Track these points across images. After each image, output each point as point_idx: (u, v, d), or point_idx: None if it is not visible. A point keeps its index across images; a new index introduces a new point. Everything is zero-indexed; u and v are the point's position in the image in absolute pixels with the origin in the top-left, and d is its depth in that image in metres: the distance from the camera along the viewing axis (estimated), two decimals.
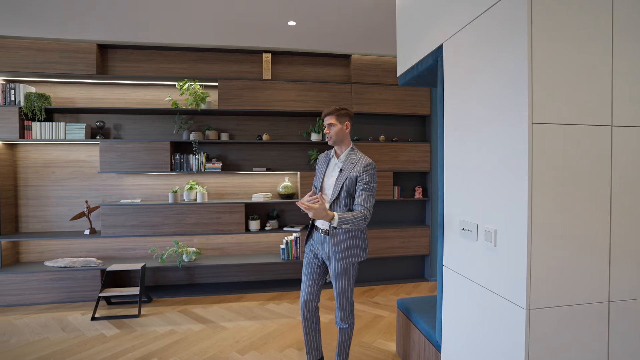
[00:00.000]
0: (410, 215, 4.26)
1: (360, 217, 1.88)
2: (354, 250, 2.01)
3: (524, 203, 1.18)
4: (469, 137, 1.55)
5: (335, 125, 2.02)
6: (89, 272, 3.49)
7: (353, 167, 1.99)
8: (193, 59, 3.88)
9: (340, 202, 1.98)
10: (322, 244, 2.05)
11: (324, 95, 3.88)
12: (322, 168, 2.14)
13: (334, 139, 2.03)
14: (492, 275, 1.36)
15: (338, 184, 1.99)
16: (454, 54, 1.66)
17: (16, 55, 3.43)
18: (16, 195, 3.70)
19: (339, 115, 2.04)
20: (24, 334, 2.89)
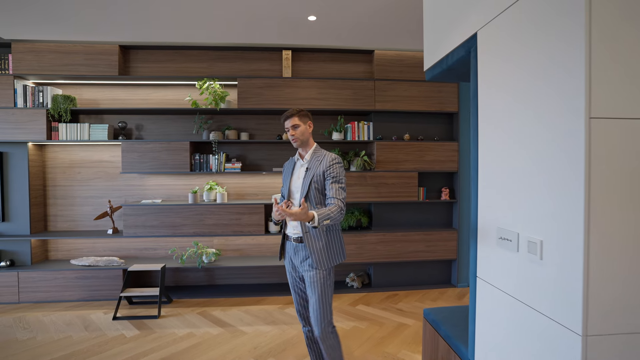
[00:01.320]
0: (436, 217, 4.06)
1: (337, 210, 1.82)
2: (331, 252, 1.92)
3: (579, 211, 1.01)
4: (508, 134, 1.38)
5: (298, 126, 1.96)
6: (112, 271, 3.53)
7: (319, 163, 1.94)
8: (213, 58, 3.84)
9: (311, 199, 1.93)
10: (296, 254, 1.96)
11: (345, 93, 3.75)
12: (288, 173, 2.07)
13: (300, 140, 1.97)
14: (538, 292, 1.19)
15: (306, 182, 1.93)
16: (490, 43, 1.49)
17: (44, 59, 3.50)
18: (45, 194, 3.80)
19: (300, 115, 1.98)
20: (49, 331, 2.93)
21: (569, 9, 1.04)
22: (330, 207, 1.81)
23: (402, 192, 3.79)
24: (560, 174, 1.09)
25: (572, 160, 1.04)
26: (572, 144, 1.04)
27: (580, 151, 1.01)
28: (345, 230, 3.81)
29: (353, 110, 3.77)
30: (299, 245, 1.92)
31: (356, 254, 3.73)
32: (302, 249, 1.91)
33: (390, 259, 3.77)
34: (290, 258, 2.02)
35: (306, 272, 1.91)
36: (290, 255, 2.00)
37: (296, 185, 1.98)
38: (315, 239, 1.88)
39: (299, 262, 1.95)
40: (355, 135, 3.80)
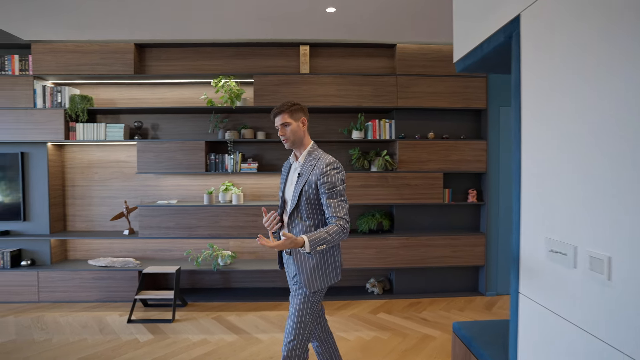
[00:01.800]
0: (462, 221, 3.82)
1: (337, 231, 1.55)
2: (323, 272, 1.66)
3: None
4: (561, 132, 1.18)
5: (289, 125, 1.70)
6: (128, 272, 3.49)
7: (312, 169, 1.68)
8: (228, 55, 3.74)
9: (301, 213, 1.67)
10: (288, 266, 1.78)
11: (366, 90, 3.56)
12: (283, 176, 1.85)
13: (291, 140, 1.72)
14: (603, 318, 0.99)
15: (296, 192, 1.67)
16: (537, 26, 1.29)
17: (62, 59, 3.50)
18: (64, 194, 3.81)
19: (292, 111, 1.71)
20: (65, 333, 2.90)
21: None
22: (328, 229, 1.55)
23: (426, 193, 3.57)
24: (637, 174, 0.89)
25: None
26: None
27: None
28: (365, 233, 3.63)
29: (374, 107, 3.59)
30: (290, 258, 1.71)
31: (377, 258, 3.55)
32: (293, 263, 1.68)
33: (413, 265, 3.56)
34: (286, 272, 1.85)
35: (295, 289, 1.72)
36: (286, 269, 1.83)
37: (289, 193, 1.76)
38: (304, 258, 1.65)
39: (291, 275, 1.75)
40: (376, 133, 3.62)
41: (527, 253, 1.35)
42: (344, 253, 3.52)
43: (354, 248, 3.53)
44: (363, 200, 3.54)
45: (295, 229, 1.69)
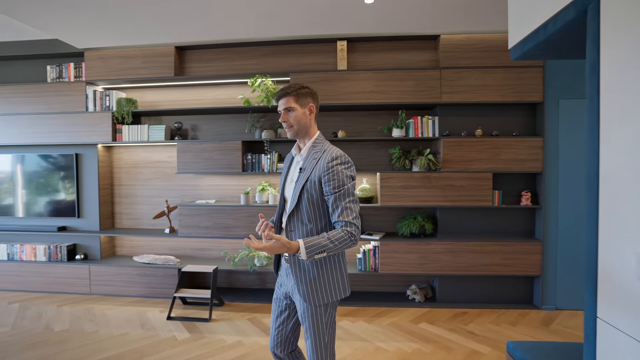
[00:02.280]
0: (514, 225, 3.48)
1: (342, 239, 1.34)
2: (325, 285, 1.42)
3: None
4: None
5: (294, 110, 1.45)
6: (168, 270, 3.58)
7: (315, 163, 1.43)
8: (264, 54, 3.71)
9: (302, 215, 1.43)
10: (287, 276, 1.52)
11: (407, 85, 3.36)
12: (284, 171, 1.60)
13: (296, 128, 1.47)
14: None
15: (297, 189, 1.44)
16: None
17: (110, 64, 3.67)
18: (112, 193, 4.00)
19: (298, 95, 1.46)
20: (110, 326, 3.02)
21: None
22: (331, 234, 1.34)
23: (473, 195, 3.29)
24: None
25: None
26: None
27: None
28: (406, 237, 3.43)
29: (416, 103, 3.37)
30: (290, 267, 1.47)
31: (418, 264, 3.33)
32: (292, 272, 1.46)
33: (458, 272, 3.30)
34: (280, 276, 1.59)
35: (298, 303, 1.48)
36: (283, 275, 1.56)
37: (289, 190, 1.51)
38: (304, 266, 1.42)
39: (290, 287, 1.51)
40: (418, 131, 3.40)
41: (609, 270, 1.13)
42: (384, 257, 3.35)
43: (394, 252, 3.34)
44: (404, 202, 3.34)
45: (294, 233, 1.45)
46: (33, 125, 3.76)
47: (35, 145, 3.90)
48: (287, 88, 1.47)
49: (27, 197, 3.91)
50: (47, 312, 3.32)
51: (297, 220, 1.45)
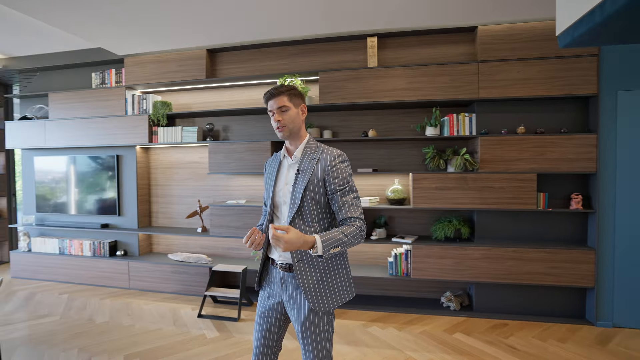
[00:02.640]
0: (562, 231, 3.18)
1: (355, 233, 1.32)
2: (332, 288, 1.40)
3: None
4: None
5: (288, 110, 1.43)
6: (200, 268, 3.66)
7: (315, 163, 1.42)
8: (292, 54, 3.69)
9: (305, 217, 1.40)
10: (283, 285, 1.44)
11: (441, 80, 3.18)
12: (272, 176, 1.52)
13: (289, 128, 1.43)
14: None
15: (298, 191, 1.40)
16: None
17: (147, 69, 3.83)
18: (149, 193, 4.17)
19: (291, 95, 1.44)
20: (145, 320, 3.14)
21: None
22: (344, 229, 1.32)
23: (515, 198, 3.05)
24: None
25: None
26: None
27: None
28: (440, 241, 3.25)
29: (451, 100, 3.18)
30: (289, 275, 1.42)
31: (454, 270, 3.14)
32: (292, 280, 1.41)
33: (497, 280, 3.07)
34: (269, 287, 1.50)
35: (296, 313, 1.40)
36: (274, 286, 1.48)
37: (283, 194, 1.46)
38: (310, 269, 1.38)
39: (286, 296, 1.43)
40: (454, 129, 3.21)
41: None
42: (416, 261, 3.20)
43: (427, 257, 3.18)
44: (438, 204, 3.17)
45: None
46: (81, 128, 4.01)
47: (83, 147, 4.16)
48: (278, 87, 1.45)
49: (78, 195, 4.18)
50: (91, 304, 3.51)
51: (300, 223, 1.40)
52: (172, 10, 2.90)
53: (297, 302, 1.41)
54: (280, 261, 1.45)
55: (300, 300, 1.41)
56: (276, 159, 1.56)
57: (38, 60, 4.20)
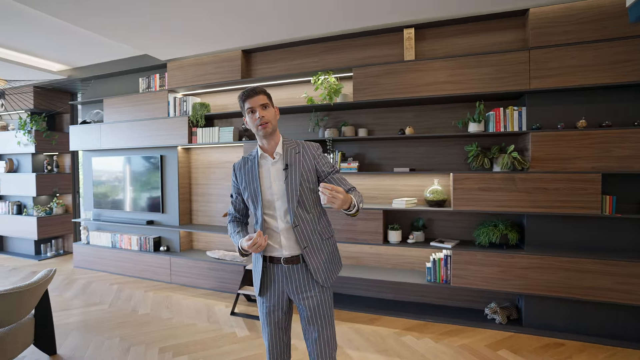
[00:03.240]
0: (632, 241, 2.75)
1: (360, 194, 1.52)
2: (332, 264, 1.59)
3: None
4: None
5: (269, 107, 1.51)
6: (235, 266, 3.72)
7: (301, 156, 1.54)
8: (324, 50, 3.60)
9: (304, 204, 1.50)
10: (289, 279, 1.52)
11: (484, 72, 2.91)
12: (252, 176, 1.54)
13: (272, 125, 1.51)
14: None
15: (294, 183, 1.49)
16: None
17: (187, 72, 3.98)
18: (190, 191, 4.34)
19: (268, 96, 1.54)
20: (182, 315, 3.25)
21: None
22: (353, 193, 1.48)
23: (573, 201, 2.69)
24: None
25: None
26: None
27: None
28: (484, 247, 2.98)
29: (497, 93, 2.90)
30: (293, 267, 1.51)
31: (500, 279, 2.86)
32: (298, 270, 1.52)
33: (552, 293, 2.74)
34: (278, 288, 1.54)
35: (307, 300, 1.51)
36: (278, 283, 1.53)
37: (273, 190, 1.51)
38: (317, 251, 1.53)
39: (293, 288, 1.52)
40: (500, 125, 2.92)
41: None
42: (457, 268, 2.97)
43: (468, 264, 2.93)
44: (482, 206, 2.91)
45: (300, 227, 1.50)
46: (130, 130, 4.29)
47: (132, 149, 4.44)
48: (256, 88, 1.52)
49: (127, 193, 4.47)
50: (136, 296, 3.73)
51: (302, 212, 1.50)
52: (210, 11, 2.96)
53: (307, 287, 1.52)
54: (285, 255, 1.50)
55: (309, 285, 1.51)
56: (250, 162, 1.57)
57: (96, 69, 4.56)
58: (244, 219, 1.68)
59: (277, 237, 1.49)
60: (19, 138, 5.12)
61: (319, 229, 1.54)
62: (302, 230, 1.49)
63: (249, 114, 1.49)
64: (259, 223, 1.51)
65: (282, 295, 1.53)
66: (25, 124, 5.03)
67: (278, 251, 1.50)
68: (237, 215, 1.65)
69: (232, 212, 1.66)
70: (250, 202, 1.54)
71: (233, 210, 1.66)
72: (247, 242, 1.38)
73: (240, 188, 1.58)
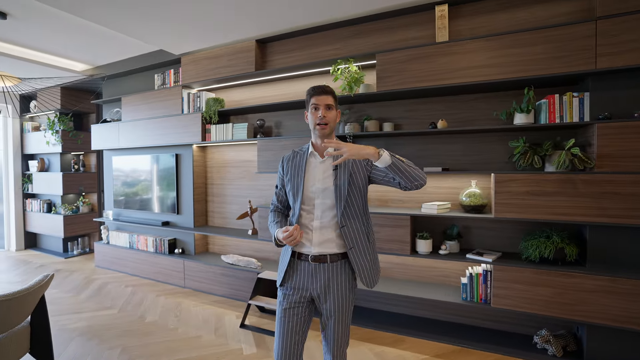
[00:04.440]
0: None
1: (415, 165, 1.43)
2: (376, 266, 1.57)
3: None
4: None
5: (332, 109, 1.52)
6: (249, 273, 3.45)
7: (350, 159, 1.50)
8: (347, 36, 3.23)
9: (353, 208, 1.50)
10: (314, 277, 1.50)
11: (536, 51, 2.41)
12: (299, 172, 1.55)
13: (331, 127, 1.52)
14: None
15: (341, 185, 1.48)
16: None
17: (200, 66, 3.77)
18: (206, 192, 4.14)
19: (335, 96, 1.54)
20: (189, 325, 3.03)
21: None
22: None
23: None
24: None
25: None
26: None
27: None
28: (533, 262, 2.48)
29: (551, 76, 2.39)
30: (319, 265, 1.49)
31: (554, 302, 2.35)
32: (325, 270, 1.49)
33: (624, 324, 2.19)
34: (294, 284, 1.52)
35: (333, 300, 1.49)
36: (302, 281, 1.51)
37: (316, 187, 1.51)
38: (363, 252, 1.51)
39: (317, 286, 1.49)
40: (555, 115, 2.41)
41: None
42: (499, 286, 2.50)
43: (514, 282, 2.45)
44: (532, 213, 2.41)
45: (347, 228, 1.48)
46: (146, 129, 4.17)
47: (148, 147, 4.33)
48: (326, 87, 1.52)
49: (143, 193, 4.36)
50: (147, 300, 3.57)
51: (349, 213, 1.48)
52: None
53: (333, 285, 1.49)
54: (313, 253, 1.48)
55: (337, 285, 1.49)
56: (299, 157, 1.59)
57: (115, 67, 4.50)
58: (286, 210, 1.68)
59: (310, 234, 1.50)
60: (47, 138, 5.21)
61: (366, 231, 1.53)
62: (349, 231, 1.48)
63: (312, 110, 1.51)
64: (295, 216, 1.52)
65: (305, 293, 1.51)
66: (53, 124, 5.11)
67: (307, 248, 1.50)
68: (278, 206, 1.68)
69: (275, 202, 1.69)
70: (292, 195, 1.56)
71: (276, 200, 1.68)
72: (284, 234, 1.40)
73: (285, 180, 1.61)
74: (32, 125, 5.61)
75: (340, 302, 1.49)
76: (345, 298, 1.50)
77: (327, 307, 1.50)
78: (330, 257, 1.48)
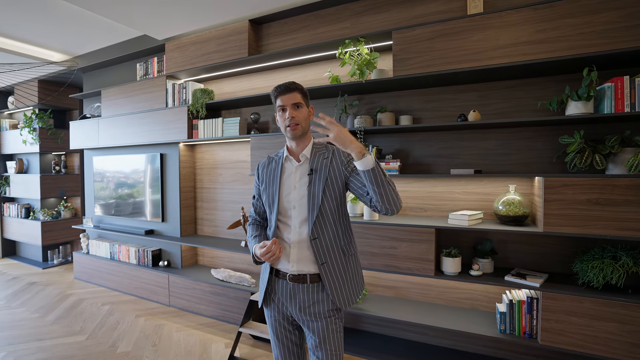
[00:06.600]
0: None
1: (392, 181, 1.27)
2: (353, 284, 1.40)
3: None
4: None
5: (302, 107, 1.34)
6: (241, 292, 2.95)
7: (329, 162, 1.36)
8: (356, 12, 2.73)
9: (327, 219, 1.33)
10: (292, 298, 1.35)
11: (598, 22, 1.90)
12: (273, 178, 1.40)
13: (302, 127, 1.34)
14: None
15: (316, 192, 1.32)
16: None
17: (186, 52, 3.29)
18: (195, 197, 3.65)
19: (304, 93, 1.37)
20: (168, 357, 2.53)
21: None
22: None
23: None
24: None
25: None
26: None
27: None
28: (595, 289, 1.96)
29: (618, 52, 1.87)
30: (298, 286, 1.34)
31: (624, 343, 1.83)
32: (304, 290, 1.33)
33: None
34: (276, 302, 1.39)
35: (314, 323, 1.34)
36: (282, 302, 1.38)
37: (292, 198, 1.36)
38: (336, 268, 1.34)
39: (296, 309, 1.35)
40: (624, 103, 1.89)
41: None
42: (549, 317, 1.99)
43: (569, 313, 1.94)
44: (595, 228, 1.90)
45: (319, 240, 1.33)
46: (127, 125, 3.69)
47: (130, 146, 3.85)
48: (291, 83, 1.36)
49: (125, 198, 3.86)
50: (124, 323, 3.08)
51: (323, 224, 1.34)
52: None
53: (313, 310, 1.35)
54: (292, 272, 1.35)
55: (316, 308, 1.35)
56: (274, 163, 1.45)
57: (95, 56, 4.03)
58: (265, 222, 1.52)
59: (287, 249, 1.37)
60: (24, 136, 4.75)
61: (342, 244, 1.38)
62: (321, 244, 1.34)
63: (279, 111, 1.37)
64: (272, 229, 1.39)
65: (285, 312, 1.40)
66: (30, 121, 4.65)
67: (285, 265, 1.37)
68: (257, 218, 1.52)
69: (252, 214, 1.53)
70: (267, 206, 1.43)
71: (254, 212, 1.53)
72: (261, 250, 1.27)
73: (260, 189, 1.47)
74: (10, 123, 5.16)
75: (323, 333, 1.35)
76: (327, 327, 1.35)
77: (313, 333, 1.36)
78: (310, 277, 1.33)
